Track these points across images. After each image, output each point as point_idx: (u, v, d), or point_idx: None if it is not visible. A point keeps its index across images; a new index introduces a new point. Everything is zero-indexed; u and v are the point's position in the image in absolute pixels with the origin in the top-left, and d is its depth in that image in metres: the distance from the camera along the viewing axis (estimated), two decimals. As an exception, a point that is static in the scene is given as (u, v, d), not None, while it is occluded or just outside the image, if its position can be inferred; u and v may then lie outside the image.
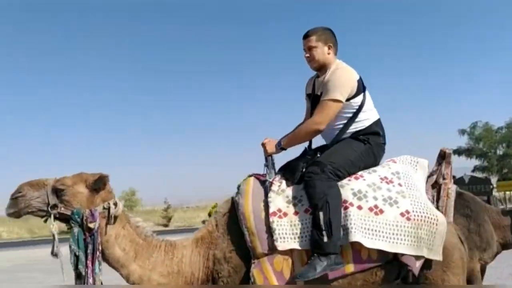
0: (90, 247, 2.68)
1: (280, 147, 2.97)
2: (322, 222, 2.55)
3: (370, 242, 2.60)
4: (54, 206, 2.71)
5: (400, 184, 2.81)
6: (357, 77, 2.95)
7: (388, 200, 2.71)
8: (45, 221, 2.79)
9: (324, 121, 2.87)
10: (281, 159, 3.07)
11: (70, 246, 2.69)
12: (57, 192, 2.73)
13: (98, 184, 2.78)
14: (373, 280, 2.71)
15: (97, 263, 2.65)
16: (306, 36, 2.99)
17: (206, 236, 2.87)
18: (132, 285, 2.75)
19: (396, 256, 2.65)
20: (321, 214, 2.56)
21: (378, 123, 3.02)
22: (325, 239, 2.53)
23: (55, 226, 2.71)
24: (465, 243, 2.93)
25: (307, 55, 3.00)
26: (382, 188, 2.76)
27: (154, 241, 2.85)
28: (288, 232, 2.66)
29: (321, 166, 2.74)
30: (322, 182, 2.66)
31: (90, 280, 2.63)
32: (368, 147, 2.92)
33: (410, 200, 2.73)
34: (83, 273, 2.65)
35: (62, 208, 2.72)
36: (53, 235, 2.71)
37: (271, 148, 2.97)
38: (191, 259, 2.80)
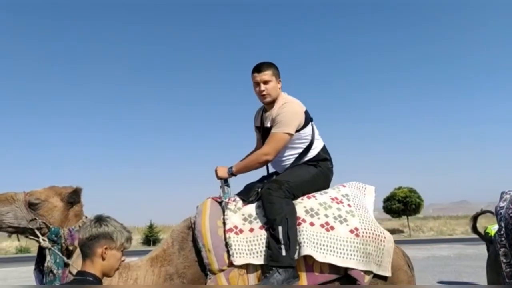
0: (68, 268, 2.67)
1: (231, 173, 3.12)
2: (281, 237, 2.68)
3: (322, 256, 2.73)
4: (32, 220, 2.67)
5: (349, 205, 3.00)
6: (304, 109, 3.15)
7: (338, 218, 2.89)
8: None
9: (273, 152, 3.05)
10: (240, 183, 3.30)
11: (47, 263, 2.64)
12: (31, 206, 2.68)
13: (74, 197, 2.79)
14: None
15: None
16: (261, 70, 3.11)
17: (160, 254, 2.89)
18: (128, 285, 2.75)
19: (346, 272, 2.77)
20: (280, 228, 2.70)
21: (324, 149, 3.25)
22: (284, 252, 2.66)
23: (46, 241, 2.67)
24: (413, 270, 3.04)
25: (263, 89, 3.10)
26: (333, 207, 2.95)
27: None
28: (245, 247, 2.76)
29: (279, 184, 2.93)
30: (280, 199, 2.82)
31: None
32: (320, 170, 3.14)
33: (358, 219, 2.91)
34: None
35: (40, 223, 2.68)
36: (48, 249, 2.66)
37: (222, 173, 3.13)
38: (146, 279, 2.78)
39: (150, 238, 29.87)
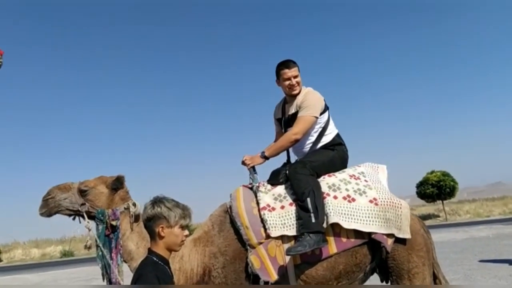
0: (113, 242, 3.11)
1: (264, 156, 3.46)
2: (310, 206, 3.02)
3: (347, 224, 3.07)
4: (82, 205, 3.16)
5: (366, 180, 3.36)
6: (323, 98, 3.56)
7: (358, 191, 3.25)
8: (74, 219, 3.26)
9: (301, 132, 3.42)
10: (264, 172, 3.59)
11: (95, 241, 3.12)
12: (82, 192, 3.18)
13: (117, 184, 3.22)
14: (354, 263, 3.11)
15: (119, 256, 3.09)
16: (291, 66, 3.53)
17: (203, 236, 3.26)
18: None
19: (370, 238, 3.10)
20: (308, 200, 3.04)
21: (338, 136, 3.64)
22: (313, 219, 2.99)
23: (89, 223, 3.17)
24: (429, 233, 3.38)
25: (293, 82, 3.52)
26: (352, 183, 3.32)
27: None
28: (278, 222, 3.11)
29: (304, 163, 3.33)
30: (306, 176, 3.20)
31: (115, 270, 3.06)
32: (337, 153, 3.53)
33: (376, 191, 3.27)
34: (106, 265, 3.10)
35: (89, 207, 3.17)
36: (89, 229, 3.16)
37: (257, 159, 3.46)
38: (190, 257, 3.14)
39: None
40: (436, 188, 32.15)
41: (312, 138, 3.53)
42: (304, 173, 3.20)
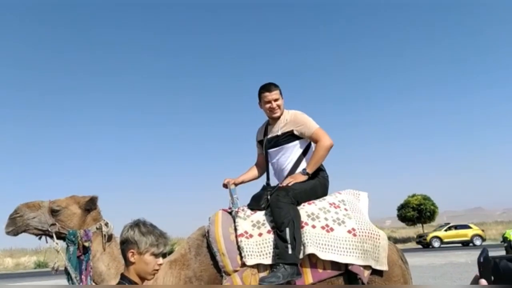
0: (84, 263, 3.02)
1: (306, 173, 3.41)
2: (288, 237, 2.97)
3: (324, 254, 3.01)
4: (52, 225, 3.06)
5: (345, 209, 3.32)
6: None
7: (336, 221, 3.21)
8: (40, 238, 3.14)
9: (329, 137, 3.44)
10: (244, 196, 3.60)
11: (65, 262, 3.01)
12: (53, 212, 3.07)
13: (90, 205, 3.14)
14: None
15: (89, 278, 3.00)
16: (272, 89, 3.55)
17: (179, 259, 3.19)
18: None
19: (347, 269, 3.04)
20: (287, 230, 3.00)
21: None
22: (290, 251, 2.95)
23: (58, 244, 3.06)
24: (407, 263, 3.33)
25: (274, 106, 3.53)
26: (331, 212, 3.28)
27: None
28: (255, 250, 3.07)
29: (286, 191, 3.27)
30: (287, 204, 3.16)
31: None
32: (318, 180, 3.50)
33: (355, 221, 3.22)
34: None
35: (59, 228, 3.06)
36: (57, 251, 3.05)
37: (300, 177, 3.40)
38: (165, 279, 3.08)
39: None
40: (416, 212, 32.55)
41: (292, 162, 3.53)
42: (286, 201, 3.17)
